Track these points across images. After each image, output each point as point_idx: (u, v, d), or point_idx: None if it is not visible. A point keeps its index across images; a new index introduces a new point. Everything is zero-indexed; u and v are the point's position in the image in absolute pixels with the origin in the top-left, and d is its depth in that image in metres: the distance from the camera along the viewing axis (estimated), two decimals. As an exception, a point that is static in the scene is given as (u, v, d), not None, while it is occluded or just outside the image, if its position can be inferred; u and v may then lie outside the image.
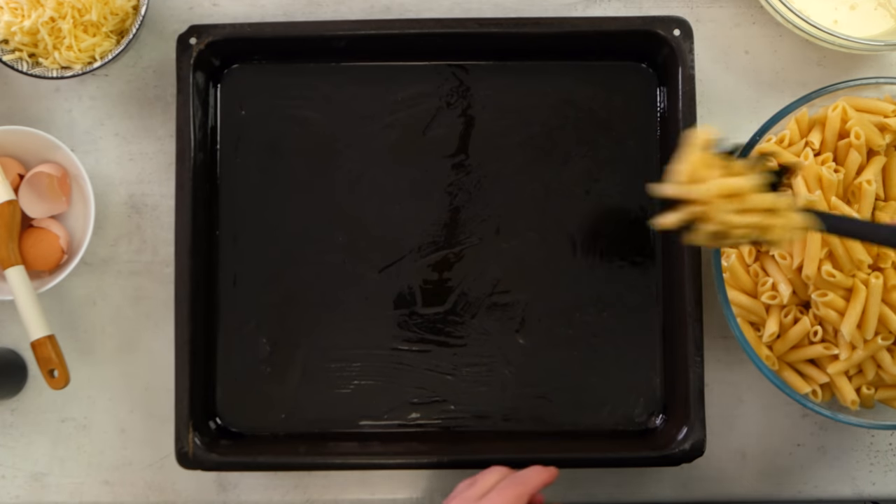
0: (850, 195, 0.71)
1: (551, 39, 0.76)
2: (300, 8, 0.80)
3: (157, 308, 0.78)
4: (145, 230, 0.79)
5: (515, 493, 0.63)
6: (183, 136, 0.75)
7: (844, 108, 0.70)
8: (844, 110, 0.70)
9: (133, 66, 0.80)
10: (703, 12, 0.80)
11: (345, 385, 0.76)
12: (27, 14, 0.72)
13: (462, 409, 0.76)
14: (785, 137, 0.71)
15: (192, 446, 0.73)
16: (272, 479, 0.77)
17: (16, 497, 0.78)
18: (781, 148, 0.71)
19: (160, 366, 0.77)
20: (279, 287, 0.77)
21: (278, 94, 0.78)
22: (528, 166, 0.77)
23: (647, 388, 0.76)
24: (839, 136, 0.71)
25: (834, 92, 0.70)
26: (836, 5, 0.78)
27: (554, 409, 0.76)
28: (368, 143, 0.78)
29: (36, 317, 0.72)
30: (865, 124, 0.69)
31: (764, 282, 0.70)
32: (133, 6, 0.76)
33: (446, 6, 0.80)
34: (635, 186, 0.77)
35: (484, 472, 0.67)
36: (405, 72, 0.78)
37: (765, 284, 0.70)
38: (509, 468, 0.68)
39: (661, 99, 0.78)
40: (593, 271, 0.77)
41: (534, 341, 0.76)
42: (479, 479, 0.66)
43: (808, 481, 0.77)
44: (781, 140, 0.71)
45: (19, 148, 0.76)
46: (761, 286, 0.70)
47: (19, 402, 0.78)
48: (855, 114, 0.69)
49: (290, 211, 0.77)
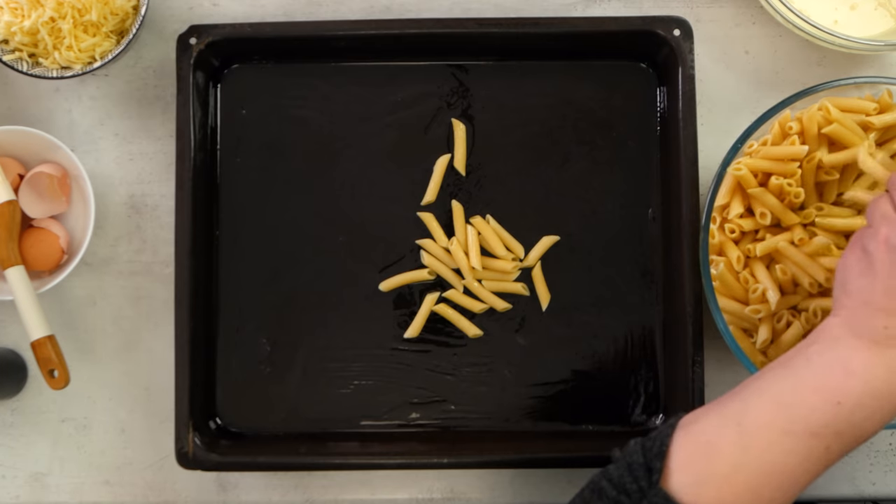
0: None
1: (551, 39, 0.76)
2: (300, 8, 0.80)
3: (157, 308, 0.78)
4: (145, 230, 0.79)
5: None
6: (183, 136, 0.75)
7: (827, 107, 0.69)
8: (827, 109, 0.70)
9: (133, 66, 0.80)
10: (703, 12, 0.80)
11: (345, 385, 0.76)
12: (27, 14, 0.72)
13: (462, 409, 0.76)
14: (767, 142, 0.71)
15: (192, 446, 0.73)
16: (272, 479, 0.77)
17: (16, 497, 0.78)
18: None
19: (160, 366, 0.77)
20: (279, 287, 0.77)
21: (278, 94, 0.78)
22: (528, 166, 0.77)
23: (647, 388, 0.76)
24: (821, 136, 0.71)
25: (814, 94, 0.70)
26: (836, 5, 0.78)
27: (554, 409, 0.76)
28: (368, 143, 0.78)
29: (36, 317, 0.72)
30: (848, 124, 0.69)
31: (755, 289, 0.70)
32: (133, 6, 0.76)
33: (446, 6, 0.80)
34: (635, 186, 0.77)
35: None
36: (405, 72, 0.78)
37: (755, 292, 0.70)
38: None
39: (661, 99, 0.78)
40: (593, 271, 0.77)
41: (534, 341, 0.76)
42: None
43: (808, 481, 0.77)
44: (764, 144, 0.71)
45: (19, 148, 0.76)
46: (752, 293, 0.70)
47: (19, 402, 0.78)
48: (838, 114, 0.69)
49: (290, 211, 0.77)
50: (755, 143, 0.71)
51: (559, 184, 0.77)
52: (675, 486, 0.52)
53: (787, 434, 0.52)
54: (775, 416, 0.53)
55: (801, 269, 0.69)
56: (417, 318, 0.75)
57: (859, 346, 0.53)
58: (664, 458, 0.53)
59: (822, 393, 0.52)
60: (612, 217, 0.77)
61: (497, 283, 0.76)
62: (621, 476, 0.54)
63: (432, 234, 0.76)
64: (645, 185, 0.77)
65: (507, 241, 0.76)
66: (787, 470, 0.52)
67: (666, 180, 0.76)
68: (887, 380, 0.52)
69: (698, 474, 0.53)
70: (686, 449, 0.54)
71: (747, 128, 0.70)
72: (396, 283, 0.76)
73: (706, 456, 0.53)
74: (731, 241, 0.72)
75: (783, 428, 0.52)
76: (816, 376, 0.53)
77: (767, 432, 0.52)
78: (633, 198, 0.77)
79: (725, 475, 0.52)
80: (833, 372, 0.52)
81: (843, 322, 0.54)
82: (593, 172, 0.77)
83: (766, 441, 0.52)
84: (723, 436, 0.53)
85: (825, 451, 0.52)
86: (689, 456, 0.53)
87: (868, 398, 0.52)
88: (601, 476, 0.56)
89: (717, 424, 0.54)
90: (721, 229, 0.72)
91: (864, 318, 0.53)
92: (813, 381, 0.53)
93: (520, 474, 0.77)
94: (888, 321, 0.53)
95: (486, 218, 0.76)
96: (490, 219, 0.76)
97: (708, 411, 0.56)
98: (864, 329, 0.53)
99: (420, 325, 0.75)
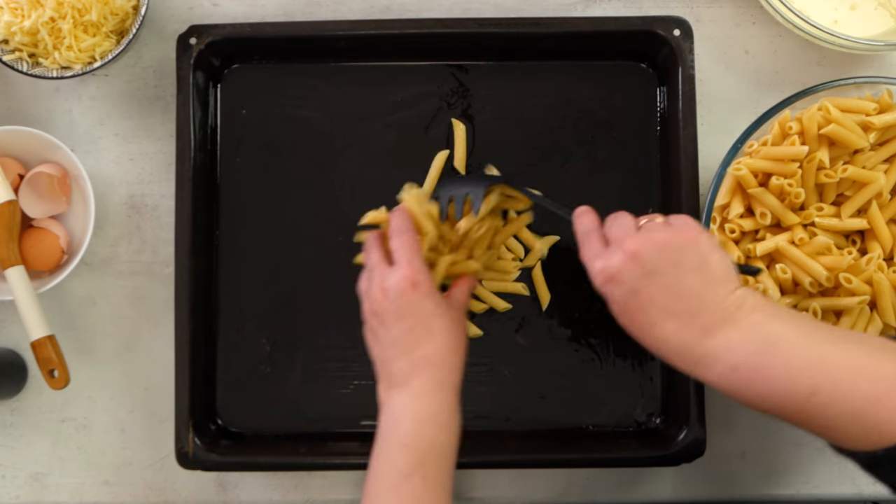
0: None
1: (551, 39, 0.76)
2: (300, 8, 0.80)
3: (157, 308, 0.78)
4: (145, 230, 0.79)
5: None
6: (183, 136, 0.75)
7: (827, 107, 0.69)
8: (827, 109, 0.70)
9: (133, 66, 0.80)
10: (703, 12, 0.80)
11: (345, 385, 0.76)
12: (27, 14, 0.72)
13: (462, 409, 0.76)
14: (767, 142, 0.71)
15: (192, 446, 0.73)
16: (272, 479, 0.77)
17: (16, 497, 0.78)
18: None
19: (160, 366, 0.77)
20: (279, 287, 0.77)
21: (278, 94, 0.78)
22: (528, 166, 0.77)
23: (647, 388, 0.76)
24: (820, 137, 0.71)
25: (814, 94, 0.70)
26: (836, 5, 0.78)
27: (554, 409, 0.76)
28: (368, 143, 0.78)
29: (36, 317, 0.72)
30: (848, 124, 0.69)
31: (755, 289, 0.70)
32: (133, 6, 0.76)
33: (446, 6, 0.80)
34: (635, 186, 0.77)
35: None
36: (405, 72, 0.78)
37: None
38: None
39: (661, 99, 0.78)
40: (593, 271, 0.77)
41: (534, 341, 0.76)
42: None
43: (807, 481, 0.77)
44: (764, 144, 0.71)
45: (19, 148, 0.76)
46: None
47: (19, 402, 0.78)
48: (838, 114, 0.69)
49: (290, 211, 0.77)
50: (755, 143, 0.71)
51: (559, 184, 0.77)
52: None
53: (393, 489, 0.60)
54: (381, 482, 0.61)
55: (801, 269, 0.69)
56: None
57: (394, 395, 0.64)
58: None
59: (392, 445, 0.62)
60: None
61: (497, 283, 0.76)
62: None
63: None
64: (645, 185, 0.77)
65: (508, 240, 0.76)
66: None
67: (666, 180, 0.76)
68: (421, 406, 0.62)
69: None
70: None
71: (747, 128, 0.70)
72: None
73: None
74: (731, 240, 0.72)
75: (390, 485, 0.61)
76: (384, 437, 0.63)
77: (383, 495, 0.61)
78: (633, 198, 0.77)
79: None
80: (388, 427, 0.63)
81: (383, 387, 0.65)
82: (593, 172, 0.77)
83: (384, 487, 0.61)
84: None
85: (424, 482, 0.60)
86: None
87: (421, 426, 0.62)
88: None
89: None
90: (721, 229, 0.72)
91: (387, 374, 0.65)
92: (383, 441, 0.63)
93: (520, 474, 0.77)
94: (400, 363, 0.64)
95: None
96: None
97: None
98: (392, 381, 0.64)
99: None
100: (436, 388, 0.63)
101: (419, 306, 0.64)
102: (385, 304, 0.64)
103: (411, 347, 0.64)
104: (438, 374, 0.63)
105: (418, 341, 0.64)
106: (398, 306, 0.64)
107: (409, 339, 0.64)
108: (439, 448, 0.62)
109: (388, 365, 0.64)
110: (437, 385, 0.63)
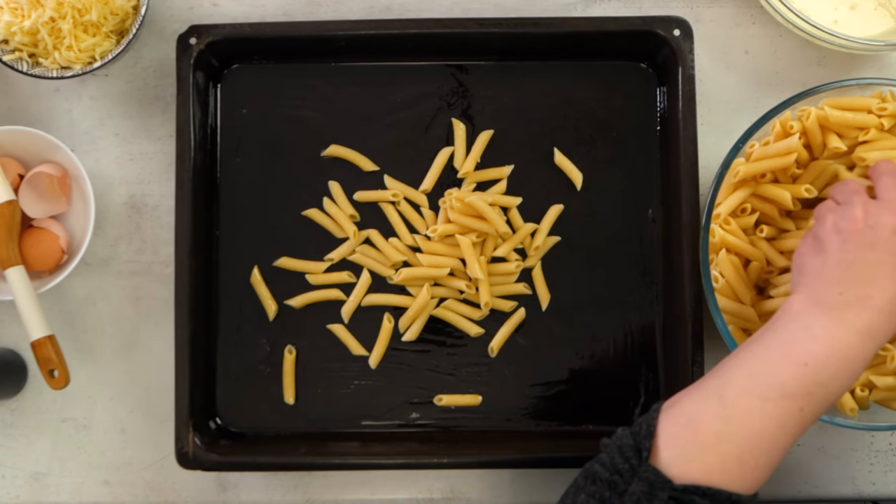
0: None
1: (551, 39, 0.76)
2: (300, 8, 0.80)
3: (157, 308, 0.78)
4: (145, 230, 0.79)
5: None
6: (183, 136, 0.75)
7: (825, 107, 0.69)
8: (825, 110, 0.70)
9: (133, 66, 0.80)
10: (703, 12, 0.80)
11: (345, 385, 0.76)
12: (27, 14, 0.72)
13: (462, 409, 0.76)
14: (769, 142, 0.71)
15: (192, 446, 0.73)
16: (272, 479, 0.77)
17: (16, 497, 0.78)
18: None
19: (160, 366, 0.77)
20: (279, 287, 0.77)
21: (278, 94, 0.78)
22: (528, 166, 0.77)
23: (647, 388, 0.76)
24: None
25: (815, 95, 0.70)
26: (836, 5, 0.78)
27: (554, 409, 0.76)
28: (368, 143, 0.78)
29: (36, 317, 0.72)
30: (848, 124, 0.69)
31: (769, 270, 0.71)
32: (133, 6, 0.76)
33: (446, 6, 0.80)
34: (635, 186, 0.77)
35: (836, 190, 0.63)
36: (405, 72, 0.78)
37: (771, 273, 0.71)
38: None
39: (661, 99, 0.78)
40: (593, 271, 0.77)
41: (534, 341, 0.76)
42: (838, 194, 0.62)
43: (807, 481, 0.77)
44: (765, 144, 0.71)
45: (19, 148, 0.76)
46: (770, 276, 0.72)
47: (19, 402, 0.78)
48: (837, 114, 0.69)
49: (290, 211, 0.77)
50: (756, 143, 0.71)
51: (559, 184, 0.77)
52: (664, 461, 0.55)
53: (763, 400, 0.55)
54: (751, 385, 0.56)
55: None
56: (416, 322, 0.75)
57: (819, 313, 0.58)
58: (652, 438, 0.56)
59: (790, 358, 0.56)
60: (612, 217, 0.77)
61: (499, 286, 0.76)
62: (613, 459, 0.56)
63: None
64: (645, 185, 0.77)
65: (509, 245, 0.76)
66: (767, 434, 0.55)
67: (666, 180, 0.76)
68: (846, 340, 0.56)
69: (684, 447, 0.55)
70: (671, 426, 0.56)
71: (748, 128, 0.70)
72: (379, 301, 0.76)
73: (690, 430, 0.56)
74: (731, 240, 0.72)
75: (759, 395, 0.55)
76: (784, 344, 0.57)
77: (746, 400, 0.55)
78: (633, 198, 0.77)
79: (710, 445, 0.55)
80: (798, 338, 0.57)
81: (803, 297, 0.59)
82: (593, 172, 0.77)
83: (744, 409, 0.55)
84: (705, 410, 0.56)
85: (800, 413, 0.55)
86: (675, 432, 0.56)
87: (832, 359, 0.56)
88: (593, 462, 0.58)
89: (699, 400, 0.57)
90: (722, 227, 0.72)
91: (821, 289, 0.59)
92: (781, 348, 0.57)
93: (520, 474, 0.77)
94: (842, 287, 0.58)
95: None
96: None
97: (689, 391, 0.59)
98: (822, 298, 0.58)
99: (418, 330, 0.76)
100: (867, 335, 0.57)
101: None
102: (861, 227, 0.59)
103: (863, 281, 0.58)
104: (877, 323, 0.57)
105: (873, 278, 0.58)
106: (878, 238, 0.59)
107: (866, 271, 0.58)
108: (833, 391, 0.56)
109: (827, 282, 0.59)
110: (870, 332, 0.57)
